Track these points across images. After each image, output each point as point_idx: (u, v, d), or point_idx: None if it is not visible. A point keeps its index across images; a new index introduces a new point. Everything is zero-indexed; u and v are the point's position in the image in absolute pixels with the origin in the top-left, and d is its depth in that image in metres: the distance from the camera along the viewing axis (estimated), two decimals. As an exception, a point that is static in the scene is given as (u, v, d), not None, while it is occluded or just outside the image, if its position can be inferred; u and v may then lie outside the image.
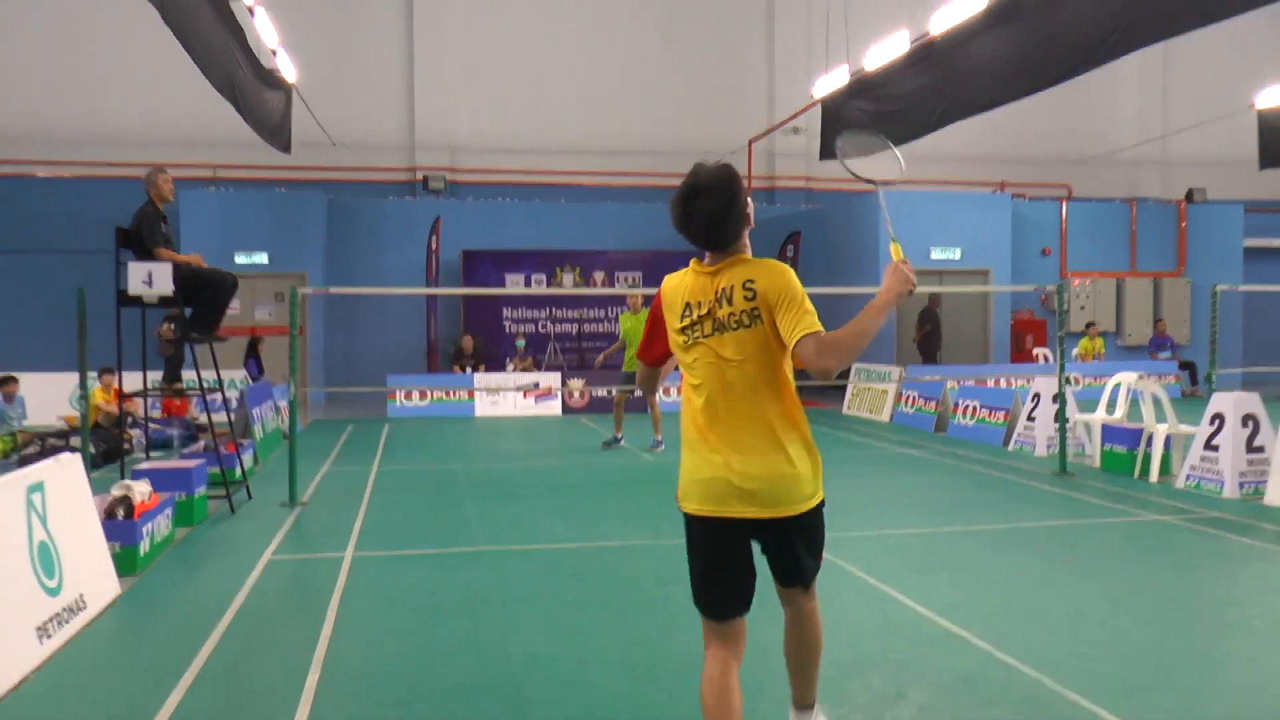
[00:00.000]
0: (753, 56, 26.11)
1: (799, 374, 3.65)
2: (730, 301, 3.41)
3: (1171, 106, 27.35)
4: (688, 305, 3.49)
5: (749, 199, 3.54)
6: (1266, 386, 16.31)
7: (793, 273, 3.46)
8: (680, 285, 3.56)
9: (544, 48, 24.91)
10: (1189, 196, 25.64)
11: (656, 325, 3.70)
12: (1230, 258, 24.43)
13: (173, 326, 14.22)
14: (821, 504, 3.57)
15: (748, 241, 3.55)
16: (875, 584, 6.48)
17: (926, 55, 15.60)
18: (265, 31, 15.70)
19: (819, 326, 3.35)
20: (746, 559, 3.52)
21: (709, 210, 3.40)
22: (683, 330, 3.51)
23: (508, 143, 24.70)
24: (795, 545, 3.54)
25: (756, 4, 26.18)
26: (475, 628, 5.68)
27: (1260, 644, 5.31)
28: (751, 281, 3.39)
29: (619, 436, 13.75)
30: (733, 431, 3.46)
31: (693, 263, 3.57)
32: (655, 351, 3.78)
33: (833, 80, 18.66)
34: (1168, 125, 27.21)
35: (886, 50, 16.52)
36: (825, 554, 3.68)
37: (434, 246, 21.79)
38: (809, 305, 3.37)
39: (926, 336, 21.76)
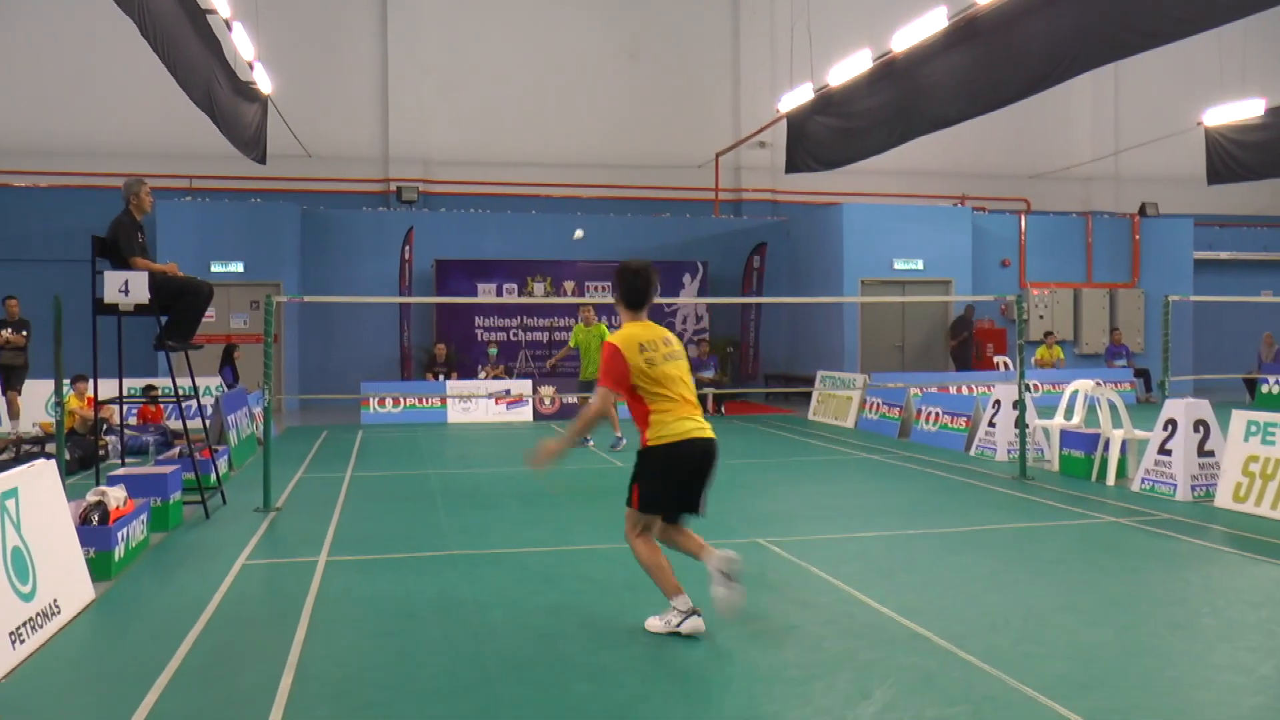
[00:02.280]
0: (719, 72, 26.41)
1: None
2: (670, 343, 5.83)
3: (1124, 124, 27.95)
4: (643, 345, 5.68)
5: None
6: (1216, 393, 16.69)
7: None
8: (634, 334, 5.74)
9: (515, 64, 25.11)
10: (1142, 210, 26.19)
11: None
12: (1181, 269, 25.12)
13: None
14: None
15: None
16: (840, 586, 6.66)
17: (888, 73, 15.93)
18: (242, 45, 15.79)
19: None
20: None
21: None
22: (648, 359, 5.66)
23: (480, 155, 24.84)
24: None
25: (722, 22, 26.46)
26: (448, 631, 5.77)
27: (1207, 642, 5.51)
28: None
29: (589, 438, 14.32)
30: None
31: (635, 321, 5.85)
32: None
33: (797, 96, 18.97)
34: (1120, 142, 27.79)
35: (849, 67, 16.83)
36: (792, 557, 3.80)
37: (407, 256, 21.89)
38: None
39: (961, 344, 22.18)
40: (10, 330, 15.36)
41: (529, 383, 19.56)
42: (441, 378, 19.91)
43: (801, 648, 5.43)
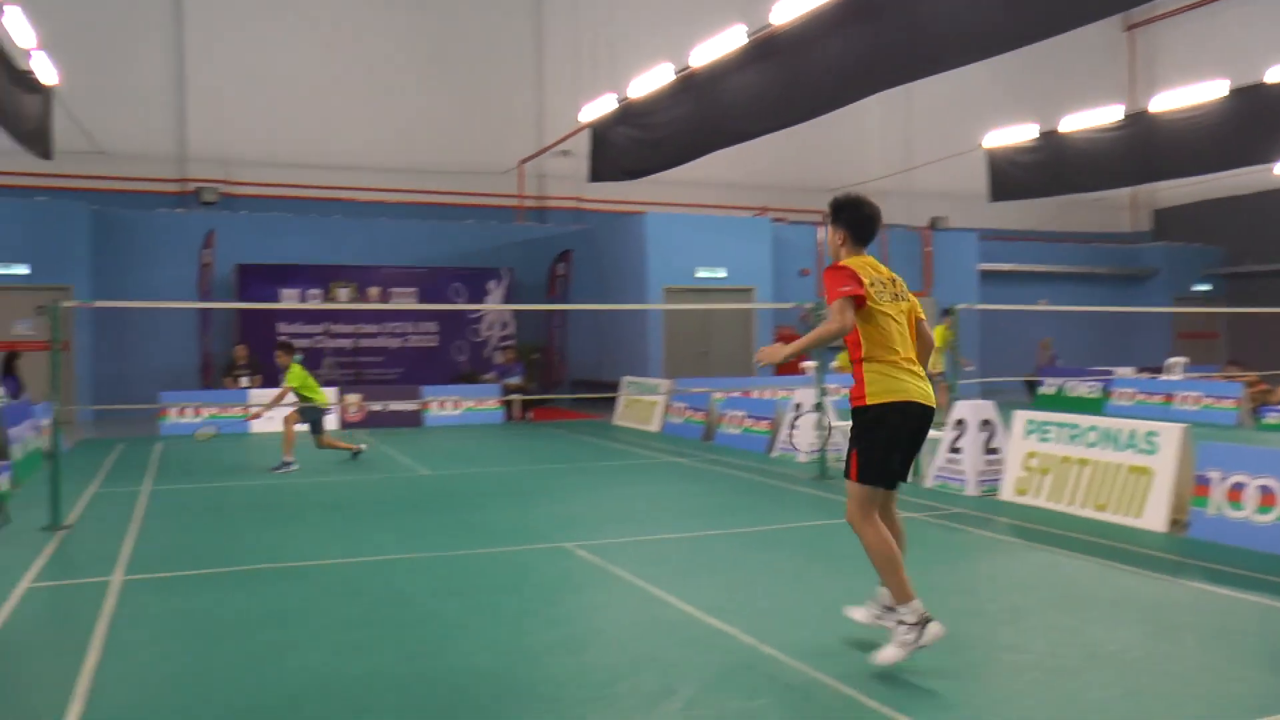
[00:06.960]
0: (522, 80, 26.48)
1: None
2: (897, 283, 5.51)
3: (915, 143, 29.45)
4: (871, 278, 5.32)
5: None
6: (1001, 395, 17.78)
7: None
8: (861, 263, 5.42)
9: (318, 63, 24.54)
10: (932, 224, 27.69)
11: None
12: (968, 280, 26.65)
13: None
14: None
15: None
16: (644, 587, 6.78)
17: (689, 86, 16.33)
18: (19, 30, 14.93)
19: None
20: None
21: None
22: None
23: (283, 156, 24.14)
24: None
25: (525, 29, 26.55)
26: (252, 649, 5.61)
27: (990, 626, 5.91)
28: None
29: (289, 460, 13.18)
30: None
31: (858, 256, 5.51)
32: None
33: (599, 106, 19.21)
34: (911, 159, 29.26)
35: (651, 80, 17.16)
36: (597, 559, 3.82)
37: (207, 260, 21.08)
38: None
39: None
40: None
41: (334, 391, 19.08)
42: (245, 381, 19.21)
43: (606, 649, 5.52)
